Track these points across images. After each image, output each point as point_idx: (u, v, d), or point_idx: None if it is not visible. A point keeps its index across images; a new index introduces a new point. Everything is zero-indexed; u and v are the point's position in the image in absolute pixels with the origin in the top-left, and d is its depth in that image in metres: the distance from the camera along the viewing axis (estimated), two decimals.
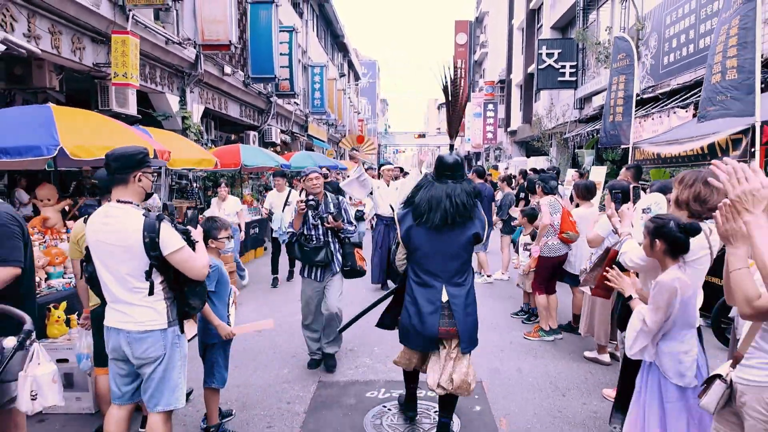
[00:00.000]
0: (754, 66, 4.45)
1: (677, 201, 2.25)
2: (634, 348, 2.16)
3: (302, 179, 4.14)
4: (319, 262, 3.86)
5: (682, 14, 8.94)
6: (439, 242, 2.80)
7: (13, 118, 4.00)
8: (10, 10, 5.93)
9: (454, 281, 2.83)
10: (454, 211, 2.74)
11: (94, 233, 2.33)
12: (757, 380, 1.66)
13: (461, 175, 2.92)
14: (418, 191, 2.88)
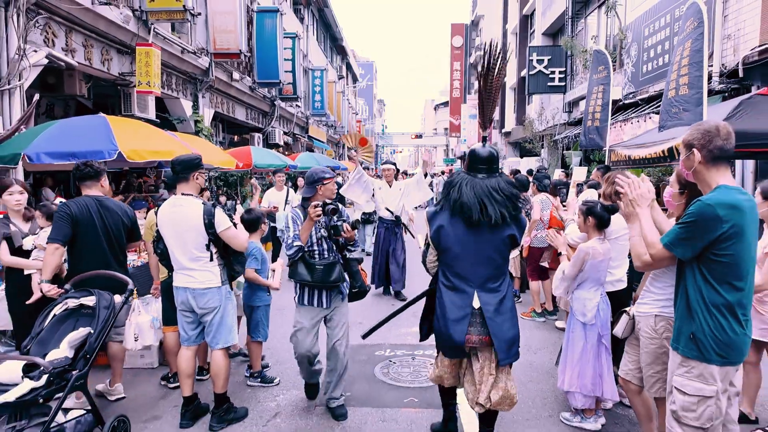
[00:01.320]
0: (701, 82, 5.28)
1: (604, 194, 3.08)
2: (558, 290, 3.05)
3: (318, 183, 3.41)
4: (333, 283, 3.16)
5: (658, 27, 9.79)
6: (472, 243, 2.60)
7: (76, 127, 4.80)
8: (51, 28, 6.72)
9: (488, 287, 2.63)
10: (505, 205, 2.57)
11: (166, 218, 3.14)
12: (646, 311, 2.50)
13: (497, 168, 2.73)
14: (452, 188, 2.67)
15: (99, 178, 3.41)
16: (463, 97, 29.77)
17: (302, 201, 3.32)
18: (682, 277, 2.11)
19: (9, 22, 5.93)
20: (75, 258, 3.31)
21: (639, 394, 2.64)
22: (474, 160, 2.70)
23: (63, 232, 3.14)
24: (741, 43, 7.69)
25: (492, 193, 2.57)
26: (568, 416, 3.15)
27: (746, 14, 7.57)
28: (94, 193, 3.38)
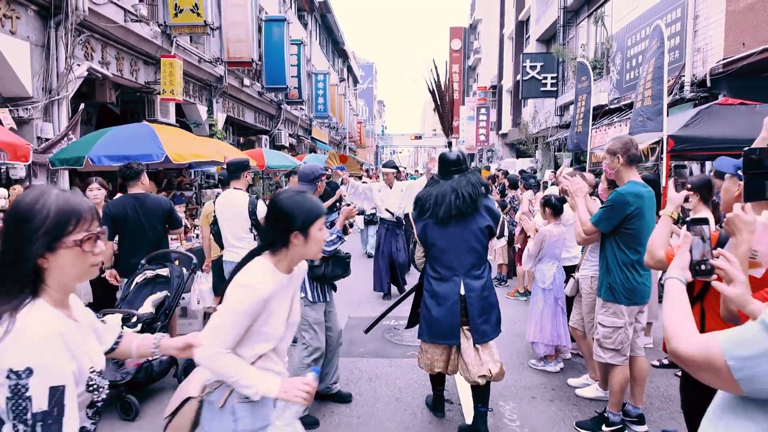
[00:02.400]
0: (662, 95, 6.19)
1: (561, 190, 4.00)
2: (526, 265, 3.97)
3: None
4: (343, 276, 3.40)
5: (639, 38, 10.73)
6: (453, 237, 2.89)
7: (128, 134, 5.72)
8: (90, 44, 7.63)
9: (472, 274, 2.93)
10: (460, 203, 2.85)
11: (221, 206, 4.06)
12: (585, 274, 3.42)
13: (466, 168, 3.03)
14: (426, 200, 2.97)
15: (139, 177, 4.20)
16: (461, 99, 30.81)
17: None
18: (604, 245, 3.04)
19: (59, 40, 6.84)
20: (120, 245, 4.13)
21: (584, 338, 3.56)
22: (444, 164, 3.04)
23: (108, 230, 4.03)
24: (709, 56, 8.62)
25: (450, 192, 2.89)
26: (534, 362, 4.08)
27: (713, 30, 8.51)
28: (136, 190, 4.15)
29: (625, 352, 2.97)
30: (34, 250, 1.18)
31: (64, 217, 1.20)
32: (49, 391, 1.11)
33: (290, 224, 1.71)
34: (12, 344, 1.12)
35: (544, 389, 3.75)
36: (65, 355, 1.16)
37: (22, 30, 6.46)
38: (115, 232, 4.05)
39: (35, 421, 1.10)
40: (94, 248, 1.25)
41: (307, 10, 20.40)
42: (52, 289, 1.23)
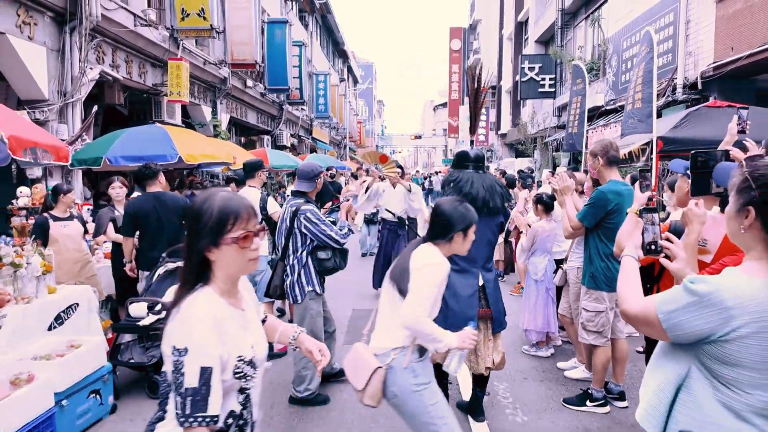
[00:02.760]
0: (652, 98, 6.53)
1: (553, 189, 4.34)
2: (520, 259, 4.31)
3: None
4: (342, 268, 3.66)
5: (634, 41, 11.06)
6: (480, 229, 2.96)
7: (143, 136, 6.05)
8: (102, 48, 7.97)
9: (487, 267, 3.11)
10: (502, 196, 3.12)
11: None
12: (572, 265, 3.77)
13: (483, 166, 3.24)
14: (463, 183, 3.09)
15: (157, 177, 4.53)
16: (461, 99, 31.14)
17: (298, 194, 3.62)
18: (587, 238, 3.38)
19: (73, 45, 7.17)
20: (141, 241, 4.44)
21: (572, 324, 3.90)
22: (465, 159, 3.24)
23: (128, 227, 4.37)
24: (700, 59, 8.97)
25: (494, 186, 3.14)
26: (527, 348, 4.42)
27: (703, 35, 8.86)
28: (155, 189, 4.48)
29: (606, 334, 3.31)
30: (202, 245, 1.38)
31: (225, 216, 1.38)
32: (200, 371, 1.26)
33: (453, 227, 2.24)
34: (176, 325, 1.32)
35: (535, 372, 4.10)
36: (215, 340, 1.30)
37: (39, 36, 6.78)
38: (135, 228, 4.37)
39: (185, 396, 1.26)
40: (250, 245, 1.41)
41: (308, 11, 20.74)
42: (219, 279, 1.41)
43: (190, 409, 1.26)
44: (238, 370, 1.38)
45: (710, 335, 1.30)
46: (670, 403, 1.42)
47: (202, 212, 1.38)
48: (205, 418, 1.27)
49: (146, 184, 4.44)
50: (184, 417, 1.26)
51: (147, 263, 4.34)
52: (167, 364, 1.31)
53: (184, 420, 1.27)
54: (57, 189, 4.47)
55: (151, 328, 3.74)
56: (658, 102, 9.44)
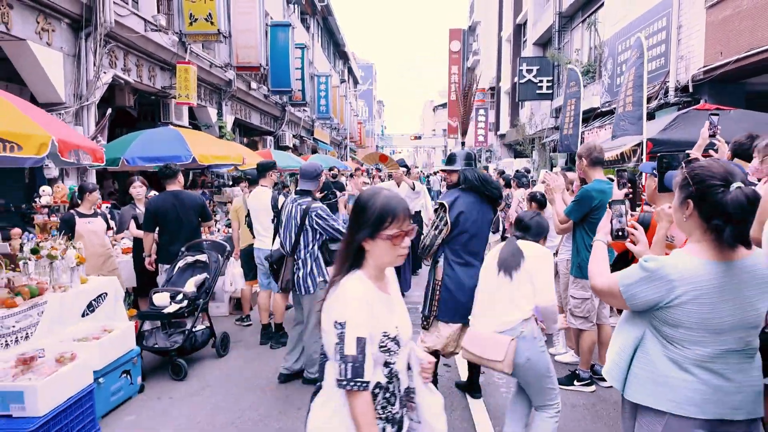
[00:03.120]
0: (642, 101, 6.86)
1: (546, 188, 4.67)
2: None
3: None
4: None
5: (628, 45, 11.40)
6: (480, 224, 3.35)
7: (158, 137, 6.38)
8: (114, 52, 8.29)
9: (484, 258, 3.23)
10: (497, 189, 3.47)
11: (252, 200, 4.72)
12: (562, 257, 4.10)
13: (474, 164, 3.57)
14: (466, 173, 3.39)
15: (176, 177, 4.89)
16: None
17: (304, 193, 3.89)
18: (575, 232, 3.71)
19: (88, 50, 7.50)
20: (161, 236, 4.77)
21: (562, 313, 4.22)
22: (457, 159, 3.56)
23: (149, 224, 4.69)
24: (691, 63, 9.30)
25: (488, 178, 3.46)
26: None
27: (694, 39, 9.19)
28: (174, 187, 4.83)
29: (592, 320, 3.64)
30: (361, 235, 1.56)
31: (384, 214, 1.54)
32: (356, 340, 1.45)
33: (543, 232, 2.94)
34: (335, 302, 1.52)
35: None
36: (367, 315, 1.49)
37: (57, 41, 7.10)
38: (156, 224, 4.69)
39: (346, 362, 1.44)
40: (401, 243, 1.56)
41: (309, 13, 21.07)
42: (371, 266, 1.59)
43: (351, 374, 1.45)
44: (383, 344, 1.53)
45: (658, 302, 1.63)
46: (630, 360, 1.75)
47: (367, 207, 1.56)
48: (363, 383, 1.45)
49: (166, 183, 4.76)
50: (346, 381, 1.45)
51: (167, 257, 4.66)
52: (328, 337, 1.51)
53: (346, 383, 1.45)
54: (83, 188, 4.79)
55: (173, 315, 4.06)
56: (651, 104, 9.81)
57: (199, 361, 4.37)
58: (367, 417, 1.47)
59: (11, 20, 6.27)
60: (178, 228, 4.69)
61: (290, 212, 3.89)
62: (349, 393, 1.47)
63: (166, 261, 4.65)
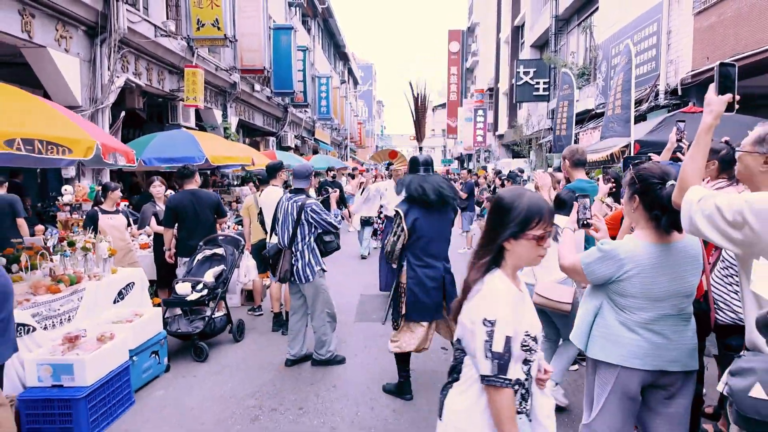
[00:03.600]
0: (630, 104, 7.27)
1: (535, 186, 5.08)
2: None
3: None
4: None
5: (621, 49, 11.81)
6: (437, 228, 3.55)
7: (172, 139, 6.78)
8: (126, 57, 8.69)
9: (446, 259, 3.64)
10: (446, 191, 3.55)
11: (265, 200, 5.12)
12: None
13: (432, 169, 3.76)
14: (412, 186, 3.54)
15: (193, 176, 5.30)
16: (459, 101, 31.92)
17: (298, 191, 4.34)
18: None
19: (103, 56, 7.90)
20: (180, 231, 5.18)
21: None
22: (416, 164, 3.72)
23: (169, 220, 5.10)
24: (680, 67, 9.72)
25: (441, 184, 3.58)
26: None
27: (683, 44, 9.61)
28: (191, 186, 5.25)
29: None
30: (505, 235, 1.58)
31: (531, 215, 1.56)
32: (505, 339, 1.49)
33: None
34: (483, 300, 1.55)
35: None
36: (513, 314, 1.53)
37: (74, 48, 7.51)
38: (175, 220, 5.09)
39: (493, 360, 1.49)
40: (544, 244, 1.58)
41: (310, 15, 21.47)
42: (508, 266, 1.62)
43: (496, 371, 1.50)
44: (525, 343, 1.58)
45: (611, 277, 2.05)
46: (591, 325, 2.17)
47: (513, 208, 1.58)
48: (506, 380, 1.50)
49: (184, 182, 5.16)
50: (493, 377, 1.50)
51: (186, 251, 5.07)
52: (475, 334, 1.54)
53: (492, 380, 1.51)
54: (106, 186, 5.20)
55: (194, 303, 4.48)
56: (642, 107, 10.25)
57: (217, 345, 4.78)
58: (509, 412, 1.52)
59: (33, 28, 6.68)
60: (196, 224, 5.10)
61: (286, 209, 4.29)
62: (494, 389, 1.52)
63: (185, 254, 5.06)
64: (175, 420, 3.45)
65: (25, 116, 3.18)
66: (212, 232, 5.20)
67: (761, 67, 7.75)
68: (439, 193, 3.51)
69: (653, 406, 2.13)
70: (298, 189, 4.39)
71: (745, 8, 7.99)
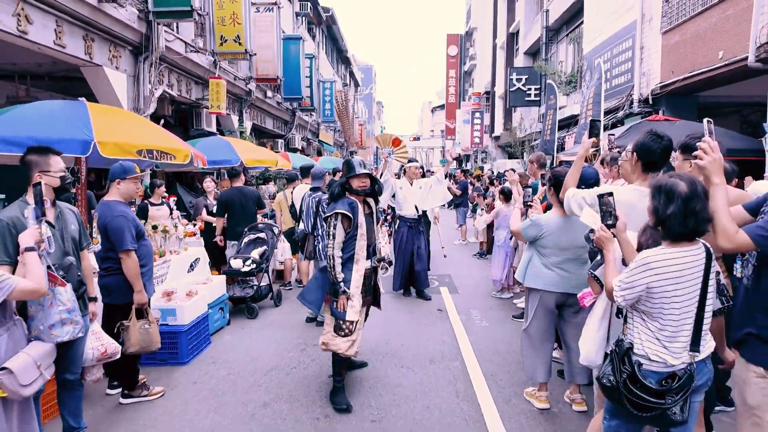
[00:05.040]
0: (600, 114, 8.68)
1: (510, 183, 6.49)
2: (479, 225, 6.47)
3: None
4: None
5: (604, 59, 13.22)
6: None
7: (211, 144, 8.16)
8: (162, 71, 10.07)
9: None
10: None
11: (297, 195, 6.50)
12: None
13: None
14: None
15: (239, 176, 6.71)
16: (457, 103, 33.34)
17: (316, 189, 5.67)
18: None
19: (145, 71, 9.29)
20: (229, 220, 6.58)
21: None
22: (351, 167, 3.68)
23: (220, 210, 6.49)
24: (651, 79, 11.13)
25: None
26: (495, 292, 6.57)
27: (653, 59, 11.02)
28: (238, 184, 6.66)
29: None
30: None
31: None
32: None
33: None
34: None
35: (498, 306, 6.26)
36: None
37: (122, 65, 8.90)
38: (225, 211, 6.48)
39: None
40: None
41: (315, 23, 22.89)
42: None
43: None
44: None
45: (536, 236, 3.44)
46: (526, 266, 3.57)
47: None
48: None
49: (232, 180, 6.57)
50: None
51: (234, 235, 6.46)
52: None
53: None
54: (153, 183, 6.60)
55: (246, 274, 5.87)
56: (619, 113, 11.64)
57: (262, 308, 6.18)
58: None
59: (93, 51, 8.07)
60: (242, 214, 6.49)
61: (308, 203, 5.71)
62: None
63: (233, 238, 6.45)
64: (244, 352, 4.83)
65: (144, 133, 4.55)
66: (254, 221, 6.59)
67: (713, 82, 9.17)
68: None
69: (566, 318, 3.53)
70: (316, 187, 5.75)
71: (701, 30, 9.40)
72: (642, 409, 2.09)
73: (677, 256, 2.06)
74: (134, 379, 3.84)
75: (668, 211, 2.05)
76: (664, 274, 2.04)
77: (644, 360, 2.11)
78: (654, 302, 2.08)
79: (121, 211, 3.58)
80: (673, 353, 2.08)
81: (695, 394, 2.16)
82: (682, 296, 2.06)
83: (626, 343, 2.17)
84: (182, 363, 4.48)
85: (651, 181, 2.28)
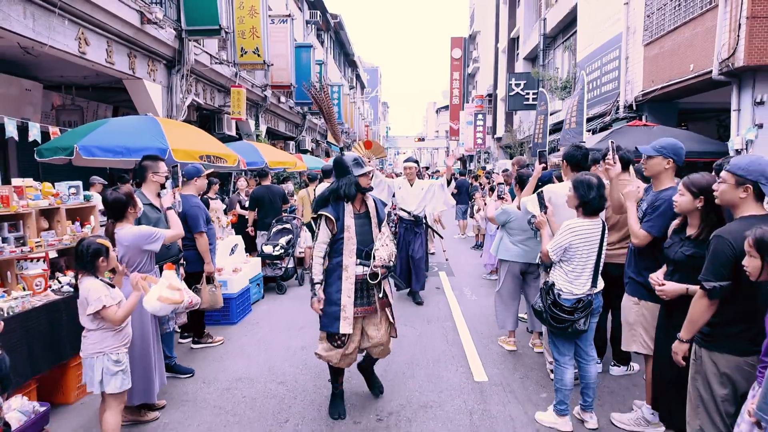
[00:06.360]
0: (582, 122, 9.90)
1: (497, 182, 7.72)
2: (491, 228, 7.74)
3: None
4: None
5: (594, 67, 14.44)
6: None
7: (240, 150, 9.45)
8: (191, 83, 11.38)
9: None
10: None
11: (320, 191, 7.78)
12: None
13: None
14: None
15: (267, 176, 7.99)
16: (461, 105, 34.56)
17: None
18: None
19: (177, 82, 10.60)
20: (259, 213, 7.85)
21: None
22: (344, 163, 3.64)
23: (252, 205, 7.77)
24: (634, 87, 12.33)
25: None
26: (485, 275, 7.83)
27: (636, 68, 12.23)
28: (266, 182, 7.94)
29: None
30: None
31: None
32: None
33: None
34: None
35: (487, 285, 7.52)
36: None
37: (158, 77, 10.21)
38: (256, 205, 7.78)
39: None
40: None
41: (324, 29, 24.22)
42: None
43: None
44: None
45: (505, 221, 4.71)
46: (499, 243, 4.83)
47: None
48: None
49: (261, 179, 7.87)
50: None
51: (263, 226, 7.76)
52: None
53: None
54: (210, 182, 7.88)
55: (276, 257, 7.15)
56: (606, 119, 12.85)
57: (289, 287, 7.46)
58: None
59: (135, 66, 9.38)
60: (270, 208, 7.79)
61: None
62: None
63: (263, 228, 7.75)
64: (279, 316, 6.10)
65: (203, 141, 5.84)
66: (280, 214, 7.88)
67: (687, 91, 10.37)
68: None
69: (529, 282, 4.77)
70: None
71: (676, 45, 10.60)
72: (559, 322, 3.34)
73: (588, 224, 3.32)
74: (202, 330, 5.12)
75: (590, 195, 3.29)
76: (580, 234, 3.29)
77: (561, 291, 3.36)
78: (570, 254, 3.33)
79: (196, 202, 4.86)
80: (578, 287, 3.34)
81: (593, 315, 3.42)
82: (588, 250, 3.31)
83: (550, 282, 3.43)
84: (233, 323, 5.76)
85: (572, 178, 3.53)
